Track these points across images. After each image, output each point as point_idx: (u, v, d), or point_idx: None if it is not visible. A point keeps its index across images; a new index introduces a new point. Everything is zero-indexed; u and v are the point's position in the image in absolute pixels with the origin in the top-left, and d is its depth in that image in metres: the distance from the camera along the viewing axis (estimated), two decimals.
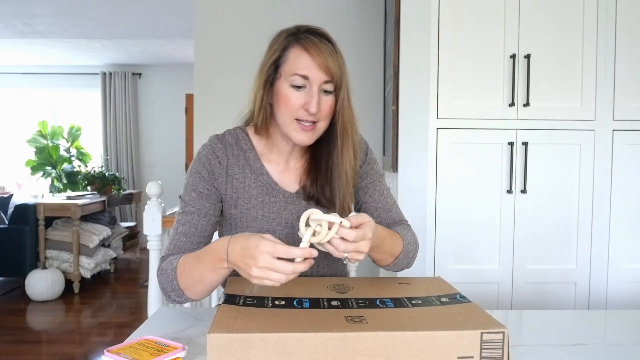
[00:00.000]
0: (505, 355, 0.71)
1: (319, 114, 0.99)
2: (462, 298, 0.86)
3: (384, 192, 1.17)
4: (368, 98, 2.95)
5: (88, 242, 4.16)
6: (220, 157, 1.07)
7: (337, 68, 0.99)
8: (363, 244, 0.84)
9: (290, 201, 1.08)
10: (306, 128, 1.00)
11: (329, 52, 0.99)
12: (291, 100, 0.99)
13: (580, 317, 1.15)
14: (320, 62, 0.97)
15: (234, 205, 1.07)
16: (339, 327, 0.71)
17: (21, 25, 4.37)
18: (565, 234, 1.90)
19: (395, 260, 1.07)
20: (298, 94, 0.99)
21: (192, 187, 1.05)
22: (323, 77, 0.98)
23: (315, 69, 0.97)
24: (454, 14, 1.86)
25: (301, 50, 0.99)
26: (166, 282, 0.95)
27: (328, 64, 0.98)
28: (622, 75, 1.87)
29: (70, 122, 6.03)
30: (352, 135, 1.05)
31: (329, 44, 1.00)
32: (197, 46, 2.99)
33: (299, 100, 0.99)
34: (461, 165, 1.89)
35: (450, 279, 1.06)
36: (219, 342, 0.68)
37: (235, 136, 1.10)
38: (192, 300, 0.96)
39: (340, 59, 1.01)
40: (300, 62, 0.98)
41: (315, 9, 2.97)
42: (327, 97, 1.00)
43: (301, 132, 1.00)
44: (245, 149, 1.09)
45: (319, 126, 1.01)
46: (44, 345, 3.02)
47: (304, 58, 0.98)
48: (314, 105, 0.97)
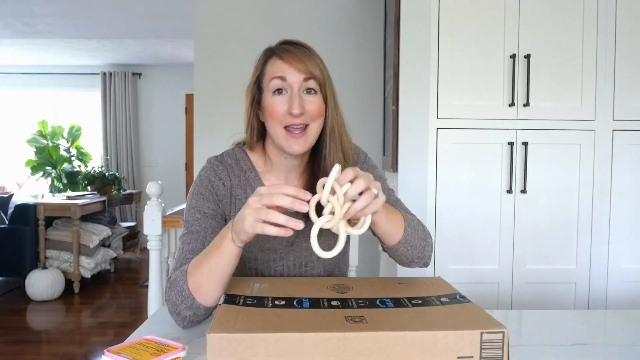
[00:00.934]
0: (505, 355, 0.71)
1: (306, 115, 0.98)
2: (462, 298, 0.86)
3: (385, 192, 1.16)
4: (368, 98, 2.96)
5: (88, 242, 4.16)
6: (224, 178, 1.06)
7: (316, 67, 0.99)
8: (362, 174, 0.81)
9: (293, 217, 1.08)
10: (295, 134, 0.98)
11: (304, 53, 0.99)
12: (275, 107, 0.98)
13: (580, 317, 1.15)
14: (294, 63, 0.97)
15: None
16: (339, 327, 0.71)
17: (21, 25, 4.38)
18: (565, 234, 1.90)
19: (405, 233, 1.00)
20: (281, 100, 0.98)
21: (195, 208, 1.03)
22: (300, 76, 0.97)
23: (291, 70, 0.97)
24: (453, 14, 1.86)
25: (275, 58, 1.00)
26: (175, 294, 0.90)
27: (304, 62, 0.98)
28: (622, 75, 1.87)
29: (70, 122, 6.03)
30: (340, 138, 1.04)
31: (306, 49, 1.01)
32: (197, 46, 2.99)
33: (282, 106, 0.97)
34: (461, 165, 1.89)
35: (450, 279, 1.06)
36: (219, 342, 0.68)
37: (235, 157, 1.09)
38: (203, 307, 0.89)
39: (318, 61, 1.01)
40: (276, 67, 0.99)
41: (315, 9, 2.97)
42: (312, 97, 0.99)
43: (292, 140, 0.98)
44: (245, 169, 1.08)
45: (310, 129, 0.99)
46: (44, 345, 3.02)
47: (278, 63, 0.99)
48: (296, 106, 0.95)
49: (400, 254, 1.04)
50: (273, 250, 1.07)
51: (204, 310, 0.90)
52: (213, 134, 2.91)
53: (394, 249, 1.02)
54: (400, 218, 1.01)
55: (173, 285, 0.92)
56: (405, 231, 1.00)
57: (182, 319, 0.91)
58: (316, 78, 0.99)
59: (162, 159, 6.39)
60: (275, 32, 2.88)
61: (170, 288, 0.93)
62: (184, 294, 0.89)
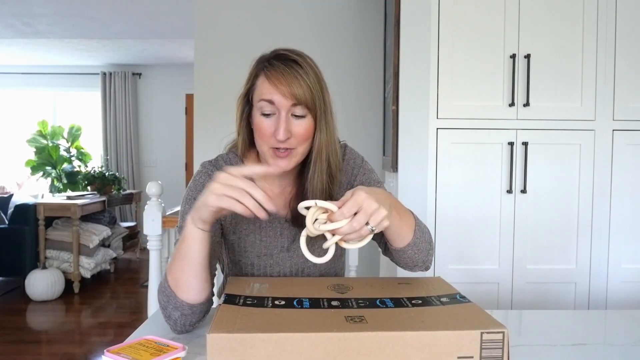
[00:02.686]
0: (505, 355, 0.71)
1: (292, 140, 0.96)
2: (462, 298, 0.86)
3: None
4: (368, 98, 2.96)
5: (88, 242, 4.16)
6: None
7: (305, 90, 0.95)
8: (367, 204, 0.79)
9: (286, 226, 1.07)
10: (281, 155, 0.97)
11: (294, 76, 0.95)
12: (262, 128, 0.97)
13: (580, 317, 1.15)
14: (283, 88, 0.94)
15: (233, 231, 1.07)
16: (339, 327, 0.71)
17: (21, 25, 4.38)
18: (565, 234, 1.90)
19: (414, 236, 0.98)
20: (268, 122, 0.96)
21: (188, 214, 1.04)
22: (287, 102, 0.95)
23: (279, 95, 0.95)
24: (454, 14, 1.86)
25: (264, 78, 0.97)
26: (162, 296, 0.90)
27: (292, 89, 0.94)
28: (622, 75, 1.87)
29: (70, 122, 6.03)
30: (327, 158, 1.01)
31: (297, 66, 0.96)
32: (197, 46, 2.99)
33: (269, 128, 0.96)
34: (461, 165, 1.89)
35: (450, 279, 1.06)
36: (219, 342, 0.68)
37: (229, 161, 1.09)
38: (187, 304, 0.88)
39: (311, 80, 0.96)
40: (264, 89, 0.96)
41: (315, 9, 2.97)
42: (300, 121, 0.97)
43: (278, 160, 0.98)
44: None
45: (297, 151, 0.98)
46: (44, 345, 3.02)
47: (266, 85, 0.96)
48: (282, 133, 0.94)
49: (407, 257, 1.01)
50: (269, 256, 1.07)
51: (189, 308, 0.89)
52: (213, 134, 2.91)
53: (402, 251, 1.00)
54: (411, 219, 1.00)
55: (160, 288, 0.92)
56: (415, 234, 0.99)
57: (173, 322, 0.90)
58: (304, 103, 0.95)
59: (162, 159, 6.39)
60: (275, 33, 2.89)
61: (158, 292, 0.93)
62: (168, 294, 0.89)
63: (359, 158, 1.15)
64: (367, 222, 0.79)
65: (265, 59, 1.00)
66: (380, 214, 0.80)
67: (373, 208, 0.79)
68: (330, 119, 1.01)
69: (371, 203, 0.79)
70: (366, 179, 1.13)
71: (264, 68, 0.98)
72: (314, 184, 1.01)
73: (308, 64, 0.98)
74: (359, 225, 0.79)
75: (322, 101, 0.99)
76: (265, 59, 1.00)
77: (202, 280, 0.89)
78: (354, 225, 0.78)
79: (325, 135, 1.00)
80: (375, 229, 0.81)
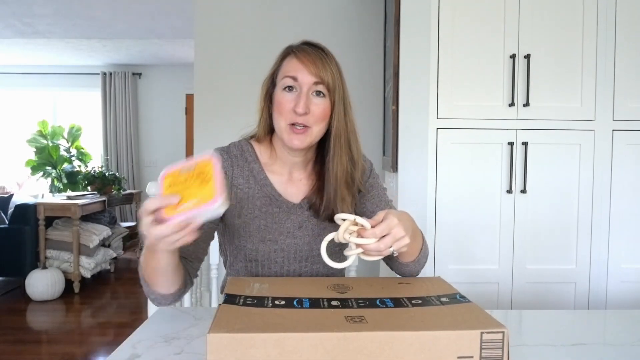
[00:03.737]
0: (505, 355, 0.71)
1: (310, 117, 1.01)
2: (462, 298, 0.86)
3: (390, 204, 1.21)
4: (368, 98, 2.95)
5: (88, 242, 4.16)
6: (226, 168, 1.09)
7: (328, 72, 1.02)
8: (396, 230, 0.85)
9: (293, 211, 1.10)
10: (297, 131, 1.02)
11: (319, 57, 1.03)
12: (283, 103, 1.02)
13: (580, 317, 1.15)
14: (308, 65, 1.01)
15: (238, 215, 1.09)
16: (339, 327, 0.71)
17: (21, 25, 4.38)
18: (565, 234, 1.90)
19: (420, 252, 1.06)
20: (289, 97, 1.02)
21: None
22: (311, 78, 1.01)
23: (304, 71, 1.01)
24: (454, 14, 1.86)
25: (292, 57, 1.04)
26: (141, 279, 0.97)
27: (317, 66, 1.01)
28: (622, 75, 1.87)
29: (70, 122, 6.03)
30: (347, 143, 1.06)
31: (322, 52, 1.04)
32: (197, 46, 2.99)
33: (289, 103, 1.01)
34: (461, 165, 1.89)
35: (450, 278, 1.06)
36: (218, 342, 0.68)
37: (240, 148, 1.12)
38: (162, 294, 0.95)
39: (332, 65, 1.04)
40: (290, 66, 1.03)
41: (315, 9, 2.97)
42: (320, 100, 1.02)
43: (293, 136, 1.02)
44: (249, 160, 1.10)
45: (312, 130, 1.03)
46: (44, 345, 3.02)
47: (293, 62, 1.03)
48: (302, 106, 0.99)
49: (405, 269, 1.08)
50: (274, 242, 1.09)
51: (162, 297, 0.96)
52: (213, 134, 2.91)
53: (405, 265, 1.07)
54: (420, 239, 1.06)
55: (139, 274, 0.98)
56: (421, 252, 1.06)
57: (151, 300, 0.98)
58: (326, 83, 1.02)
59: (162, 159, 6.39)
60: (275, 33, 2.89)
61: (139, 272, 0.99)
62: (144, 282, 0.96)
63: (368, 162, 1.20)
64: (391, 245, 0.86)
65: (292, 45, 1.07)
66: (404, 241, 0.87)
67: (400, 235, 0.86)
68: (348, 107, 1.07)
69: (400, 230, 0.86)
70: (375, 183, 1.20)
71: (292, 50, 1.05)
72: (334, 165, 1.05)
73: (332, 55, 1.06)
74: (385, 248, 0.85)
75: (342, 88, 1.05)
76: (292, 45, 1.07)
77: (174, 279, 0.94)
78: (381, 247, 0.85)
79: (343, 120, 1.05)
80: (395, 254, 0.88)
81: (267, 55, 1.07)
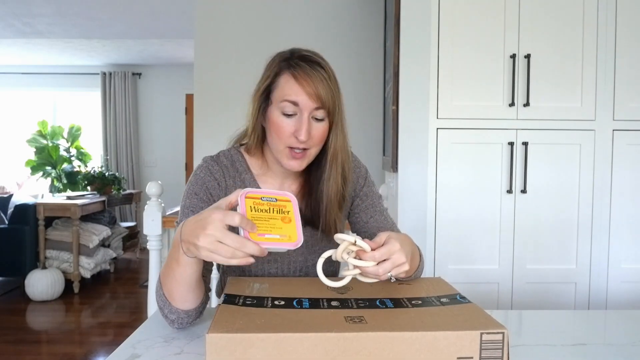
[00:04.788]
0: (505, 355, 0.70)
1: (310, 141, 0.99)
2: (462, 298, 0.85)
3: (384, 212, 1.18)
4: (368, 98, 2.96)
5: (88, 242, 4.16)
6: (218, 178, 1.06)
7: (329, 95, 0.97)
8: (397, 257, 0.82)
9: None
10: (296, 155, 1.00)
11: (320, 79, 0.97)
12: (282, 127, 0.98)
13: (580, 317, 1.15)
14: (309, 90, 0.96)
15: None
16: (338, 327, 0.71)
17: (21, 25, 4.38)
18: (565, 234, 1.90)
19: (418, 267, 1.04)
20: (289, 122, 0.98)
21: (189, 209, 1.02)
22: (312, 104, 0.97)
23: (304, 96, 0.96)
24: (454, 14, 1.86)
25: (290, 77, 0.97)
26: (159, 299, 0.91)
27: (318, 91, 0.96)
28: (622, 75, 1.87)
29: (70, 122, 6.03)
30: (342, 162, 1.04)
31: (322, 70, 0.98)
32: (197, 46, 2.99)
33: (289, 128, 0.98)
34: (461, 165, 1.89)
35: (450, 279, 1.06)
36: (218, 342, 0.68)
37: (230, 158, 1.10)
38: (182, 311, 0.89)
39: (332, 85, 0.99)
40: (289, 89, 0.97)
41: (315, 9, 2.97)
42: (319, 124, 0.99)
43: (292, 159, 1.00)
44: (240, 171, 1.08)
45: (310, 152, 1.01)
46: (44, 345, 3.02)
47: (293, 85, 0.97)
48: (304, 133, 0.96)
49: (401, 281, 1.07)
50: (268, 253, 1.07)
51: (184, 313, 0.90)
52: (213, 134, 2.91)
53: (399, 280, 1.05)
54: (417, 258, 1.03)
55: (156, 291, 0.93)
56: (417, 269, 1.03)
57: (170, 322, 0.91)
58: (327, 107, 0.98)
59: (162, 159, 6.39)
60: (275, 33, 2.89)
61: (156, 294, 0.94)
62: (164, 300, 0.90)
63: (363, 168, 1.18)
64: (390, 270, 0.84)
65: (287, 57, 1.00)
66: (404, 268, 0.84)
67: (400, 262, 0.83)
68: (344, 124, 1.04)
69: (401, 257, 0.83)
70: (369, 191, 1.17)
71: (289, 67, 0.98)
72: (329, 186, 1.03)
73: (330, 68, 1.01)
74: (384, 272, 0.82)
75: (340, 107, 1.02)
76: (287, 57, 1.00)
77: (197, 292, 0.89)
78: (379, 271, 0.82)
79: (340, 140, 1.03)
80: (393, 279, 0.85)
81: (267, 55, 1.06)
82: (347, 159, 1.06)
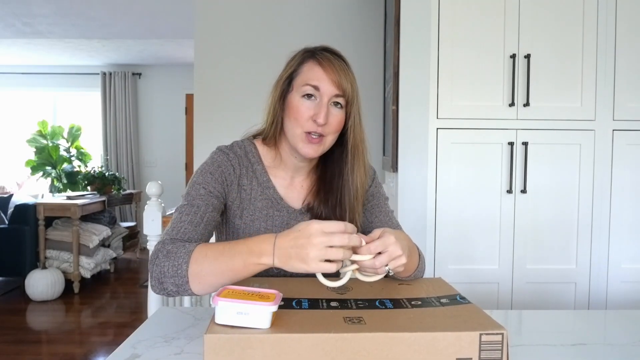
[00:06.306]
0: (504, 356, 0.70)
1: (327, 127, 1.01)
2: (462, 299, 0.85)
3: (389, 214, 1.19)
4: (368, 98, 2.94)
5: (88, 242, 4.16)
6: (235, 165, 1.08)
7: (349, 85, 1.01)
8: (393, 249, 0.83)
9: (294, 217, 1.09)
10: (313, 140, 1.01)
11: (342, 68, 1.02)
12: (301, 110, 1.01)
13: (580, 317, 1.15)
14: (332, 75, 1.00)
15: (239, 215, 1.08)
16: (337, 328, 0.70)
17: (21, 25, 4.37)
18: (565, 234, 1.90)
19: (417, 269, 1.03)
20: (308, 105, 1.01)
21: (201, 185, 1.03)
22: (334, 90, 1.00)
23: (327, 82, 1.00)
24: (454, 14, 1.86)
25: (315, 63, 1.02)
26: (170, 266, 0.85)
27: (340, 78, 1.00)
28: (622, 75, 1.87)
29: (70, 122, 6.02)
30: (363, 154, 1.07)
31: (344, 63, 1.03)
32: (197, 46, 2.99)
33: (308, 111, 1.00)
34: (461, 165, 1.89)
35: (450, 278, 1.06)
36: (216, 342, 0.68)
37: (244, 148, 1.11)
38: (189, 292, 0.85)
39: (352, 78, 1.03)
40: (312, 74, 1.01)
41: (315, 9, 2.96)
42: (337, 111, 1.02)
43: (308, 145, 1.02)
44: (253, 162, 1.10)
45: (326, 140, 1.03)
46: (44, 345, 3.02)
47: (317, 70, 1.01)
48: (322, 117, 0.99)
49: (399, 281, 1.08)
50: None
51: (190, 293, 0.86)
52: (213, 134, 2.91)
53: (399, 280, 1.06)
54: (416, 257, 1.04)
55: (170, 256, 0.87)
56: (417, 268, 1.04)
57: (162, 289, 0.87)
58: (346, 95, 1.01)
59: (162, 159, 6.39)
60: (275, 33, 2.89)
61: (166, 257, 0.87)
62: (180, 274, 0.85)
63: (371, 169, 1.19)
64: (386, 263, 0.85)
65: (312, 50, 1.06)
66: (401, 260, 0.85)
67: (397, 254, 0.84)
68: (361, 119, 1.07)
69: (397, 249, 0.84)
70: (376, 192, 1.18)
71: (314, 55, 1.03)
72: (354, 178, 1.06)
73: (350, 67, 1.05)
74: (380, 265, 0.83)
75: (357, 100, 1.05)
76: (312, 50, 1.06)
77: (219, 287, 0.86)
78: (376, 264, 0.83)
79: (359, 131, 1.06)
80: (391, 273, 0.87)
81: (267, 55, 1.06)
82: (366, 153, 1.08)
